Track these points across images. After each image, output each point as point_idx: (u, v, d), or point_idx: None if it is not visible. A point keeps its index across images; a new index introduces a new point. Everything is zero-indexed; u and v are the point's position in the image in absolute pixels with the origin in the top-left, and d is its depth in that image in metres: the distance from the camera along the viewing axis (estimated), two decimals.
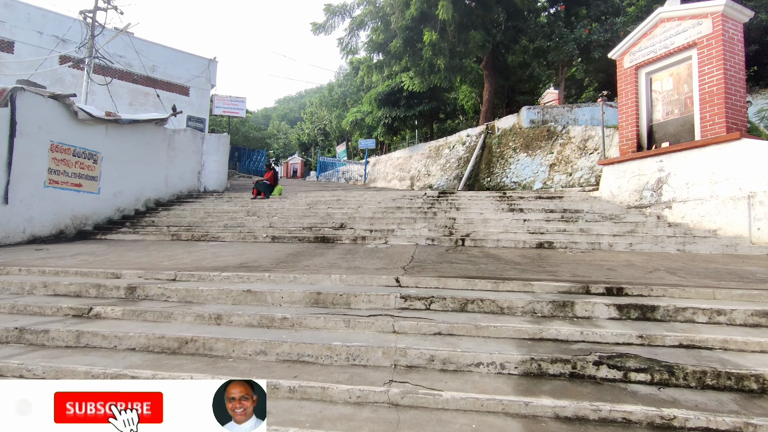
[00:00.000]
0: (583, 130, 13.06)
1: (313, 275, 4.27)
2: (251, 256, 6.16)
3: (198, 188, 13.19)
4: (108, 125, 9.68)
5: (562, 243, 7.20)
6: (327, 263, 5.51)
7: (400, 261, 5.68)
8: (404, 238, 7.78)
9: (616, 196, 9.42)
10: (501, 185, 15.05)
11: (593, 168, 12.03)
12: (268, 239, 8.15)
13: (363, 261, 5.70)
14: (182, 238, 8.57)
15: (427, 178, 20.07)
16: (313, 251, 6.73)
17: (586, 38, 15.23)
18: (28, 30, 15.86)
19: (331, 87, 41.11)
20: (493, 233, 7.90)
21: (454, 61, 15.59)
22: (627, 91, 9.62)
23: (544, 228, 8.05)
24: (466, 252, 6.65)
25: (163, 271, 4.63)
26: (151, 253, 6.57)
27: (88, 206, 9.32)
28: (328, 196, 11.37)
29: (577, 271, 4.82)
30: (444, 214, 9.20)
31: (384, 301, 3.59)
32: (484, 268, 5.02)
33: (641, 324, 3.12)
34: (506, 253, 6.51)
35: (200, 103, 19.67)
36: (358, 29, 16.63)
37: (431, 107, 24.13)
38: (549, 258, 6.08)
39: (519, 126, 15.94)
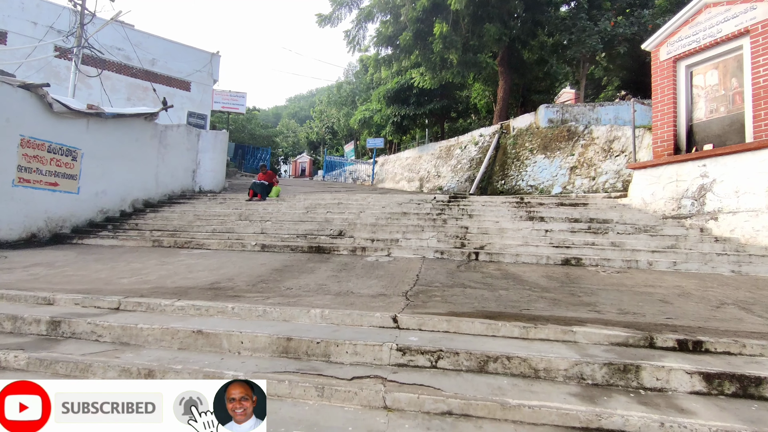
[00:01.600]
0: (608, 130, 11.98)
1: (289, 308, 3.36)
2: (229, 272, 5.28)
3: (192, 188, 12.39)
4: (89, 119, 8.89)
5: (592, 260, 6.20)
6: (315, 284, 4.60)
7: (403, 283, 4.75)
8: (410, 249, 6.84)
9: (649, 204, 8.37)
10: (516, 189, 14.02)
11: (620, 172, 10.95)
12: (257, 248, 7.27)
13: (358, 281, 4.78)
14: (164, 244, 7.73)
15: (437, 179, 19.09)
16: (303, 265, 5.83)
17: (611, 32, 14.12)
18: (22, 20, 15.23)
19: (340, 85, 40.23)
20: (511, 246, 6.93)
21: (468, 56, 14.59)
22: (663, 86, 8.55)
23: (569, 241, 7.05)
24: (480, 270, 5.69)
25: (110, 295, 3.76)
26: (118, 265, 5.73)
27: (66, 207, 8.54)
28: (328, 199, 10.47)
29: (622, 304, 3.84)
30: (455, 222, 8.24)
31: (375, 354, 2.66)
32: (505, 297, 4.07)
33: (747, 408, 2.15)
34: (528, 272, 5.54)
35: (202, 99, 18.91)
36: (366, 21, 15.70)
37: (442, 105, 23.09)
38: (580, 280, 5.10)
39: (536, 125, 14.89)
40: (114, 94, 17.01)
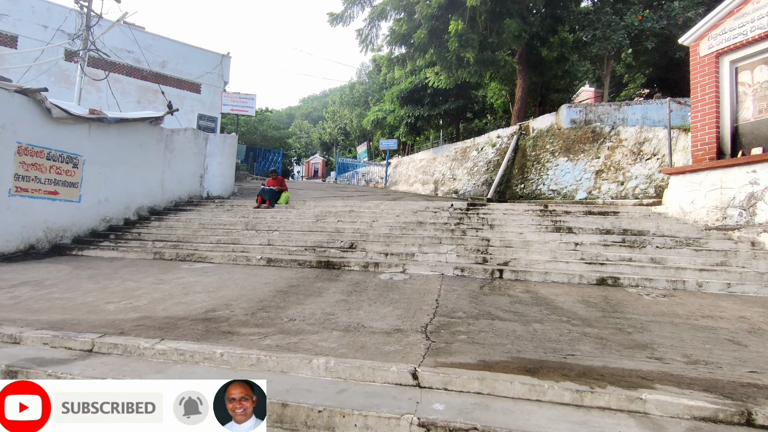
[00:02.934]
0: (638, 131, 11.20)
1: (288, 356, 2.83)
2: (228, 294, 4.79)
3: (200, 194, 12.01)
4: (91, 124, 8.53)
5: (632, 279, 5.54)
6: (321, 313, 4.07)
7: (421, 311, 4.18)
8: (427, 265, 6.27)
9: (689, 214, 7.64)
10: (537, 193, 13.31)
11: (651, 177, 10.19)
12: (262, 262, 6.79)
13: (370, 309, 4.23)
14: (165, 257, 7.31)
15: (452, 182, 18.44)
16: (310, 285, 5.31)
17: (638, 26, 13.29)
18: (33, 23, 15.10)
19: (353, 85, 39.76)
20: (538, 262, 6.30)
21: (485, 54, 13.92)
22: (704, 84, 7.80)
23: (603, 256, 6.39)
24: (507, 292, 5.09)
25: (87, 332, 3.28)
26: (111, 284, 5.29)
27: (66, 217, 8.19)
28: (339, 206, 9.95)
29: (686, 346, 3.22)
30: (475, 233, 7.63)
31: (391, 430, 2.11)
32: (541, 334, 3.47)
33: None
34: (561, 296, 4.92)
35: (212, 101, 18.60)
36: (379, 19, 15.14)
37: (458, 105, 22.39)
38: (623, 307, 4.46)
39: (557, 126, 14.15)
40: (124, 97, 16.82)
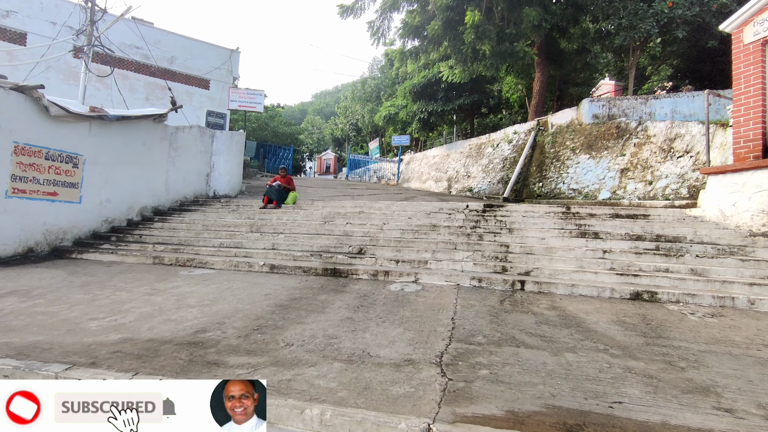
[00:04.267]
0: (668, 126, 10.47)
1: (277, 402, 2.38)
2: (224, 309, 4.37)
3: (206, 193, 11.69)
4: (92, 122, 8.22)
5: (671, 294, 4.96)
6: (323, 336, 3.62)
7: (435, 333, 3.70)
8: (441, 275, 5.77)
9: (730, 218, 6.98)
10: (556, 193, 12.66)
11: (684, 176, 9.49)
12: (265, 269, 6.38)
13: (378, 331, 3.76)
14: (165, 261, 6.96)
15: (466, 180, 17.84)
16: (313, 298, 4.88)
17: (668, 14, 12.48)
18: (42, 20, 14.92)
19: (364, 80, 39.20)
20: (564, 272, 5.74)
21: (503, 46, 13.25)
22: (748, 74, 7.10)
23: (636, 265, 5.80)
24: (530, 308, 4.57)
25: (53, 363, 2.90)
26: (102, 294, 4.93)
27: (66, 218, 7.91)
28: (349, 207, 9.50)
29: (756, 392, 2.67)
30: (493, 238, 7.10)
31: None
32: (576, 370, 2.96)
33: None
34: (593, 314, 4.38)
35: (221, 97, 18.28)
36: (391, 11, 14.58)
37: (472, 100, 21.69)
38: (668, 330, 3.91)
39: (578, 122, 13.44)
40: (132, 94, 16.61)
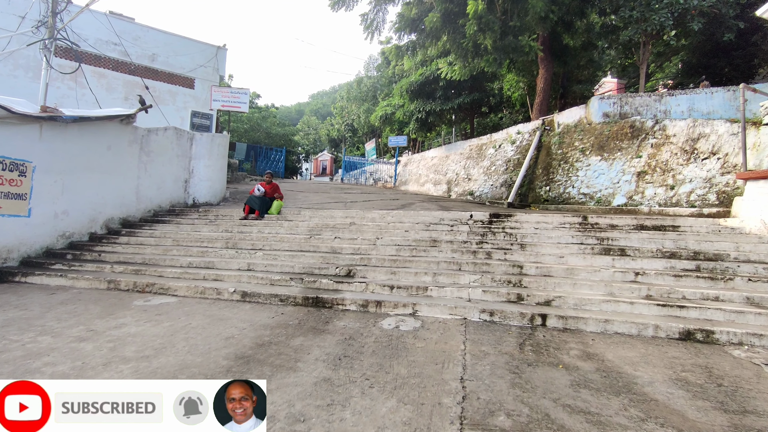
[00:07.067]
0: (690, 125, 9.53)
1: None
2: (166, 366, 3.37)
3: (184, 200, 10.68)
4: (42, 125, 7.20)
5: (730, 333, 4.00)
6: (286, 416, 2.60)
7: (440, 407, 2.71)
8: (444, 306, 4.79)
9: None
10: (565, 197, 11.70)
11: (711, 180, 8.54)
12: (236, 296, 5.38)
13: (362, 405, 2.76)
14: (121, 286, 5.95)
15: (467, 183, 16.87)
16: (287, 343, 3.88)
17: (683, 4, 11.56)
18: (9, 15, 13.85)
19: (360, 79, 38.17)
20: (592, 301, 4.76)
21: (507, 39, 12.28)
22: None
23: (677, 292, 4.84)
24: (560, 358, 3.60)
25: None
26: (21, 338, 3.91)
27: (12, 235, 6.89)
28: (339, 217, 8.51)
29: None
30: (503, 256, 6.12)
31: None
32: None
33: None
34: (640, 365, 3.40)
35: (206, 97, 17.21)
36: (386, 3, 13.60)
37: (472, 99, 20.69)
38: (746, 395, 2.94)
39: (588, 121, 12.51)
40: (110, 94, 15.57)
